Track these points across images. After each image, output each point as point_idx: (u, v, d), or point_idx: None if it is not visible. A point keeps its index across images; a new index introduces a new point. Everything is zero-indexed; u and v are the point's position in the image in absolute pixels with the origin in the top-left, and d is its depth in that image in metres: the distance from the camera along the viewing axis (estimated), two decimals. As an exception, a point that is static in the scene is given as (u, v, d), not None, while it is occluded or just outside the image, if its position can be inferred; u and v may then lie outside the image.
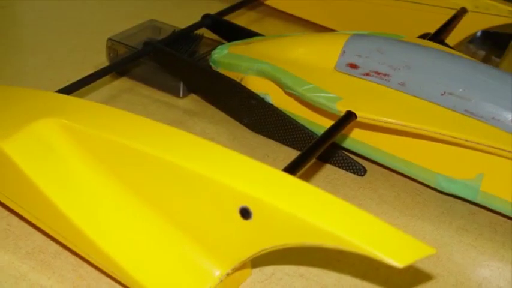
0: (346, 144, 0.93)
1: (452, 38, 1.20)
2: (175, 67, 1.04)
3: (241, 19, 1.37)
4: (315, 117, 0.93)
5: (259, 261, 0.74)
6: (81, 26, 1.34)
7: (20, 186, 0.68)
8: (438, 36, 1.10)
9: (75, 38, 1.28)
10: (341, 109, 0.82)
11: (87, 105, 0.74)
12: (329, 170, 0.93)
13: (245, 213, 0.59)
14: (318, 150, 0.76)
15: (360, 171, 0.92)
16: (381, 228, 0.55)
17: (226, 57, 1.01)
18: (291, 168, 0.71)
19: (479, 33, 1.31)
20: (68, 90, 0.86)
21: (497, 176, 0.81)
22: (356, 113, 0.82)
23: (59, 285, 0.69)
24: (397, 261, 0.51)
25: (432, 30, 1.12)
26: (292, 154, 0.90)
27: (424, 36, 1.11)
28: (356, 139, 0.91)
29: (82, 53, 1.21)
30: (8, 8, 1.40)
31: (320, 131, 0.83)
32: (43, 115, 0.70)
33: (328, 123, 0.84)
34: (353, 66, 0.89)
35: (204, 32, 1.17)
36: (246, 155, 0.62)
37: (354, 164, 0.92)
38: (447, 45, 1.09)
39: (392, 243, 0.53)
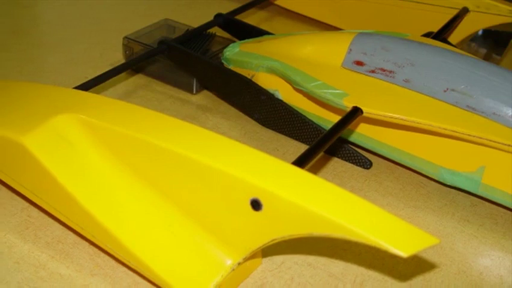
0: (353, 138, 0.92)
1: (455, 37, 1.20)
2: (189, 64, 1.04)
3: (252, 18, 1.37)
4: (323, 113, 0.93)
5: (270, 250, 0.74)
6: (99, 25, 1.34)
7: (40, 179, 0.68)
8: (441, 34, 1.10)
9: (93, 36, 1.28)
10: (348, 105, 0.82)
11: (104, 101, 0.74)
12: (336, 163, 0.93)
13: (256, 204, 0.59)
14: (326, 144, 0.76)
15: (366, 164, 0.92)
16: (386, 219, 0.55)
17: (238, 55, 1.01)
18: (300, 162, 0.71)
19: (480, 32, 1.30)
20: (85, 86, 0.86)
21: (497, 169, 0.81)
22: (362, 108, 0.81)
23: (77, 273, 0.69)
24: (402, 251, 0.51)
25: (435, 29, 1.12)
26: (301, 148, 0.90)
27: (427, 34, 1.11)
28: (362, 133, 0.91)
29: (99, 51, 1.21)
30: (30, 8, 1.40)
31: (328, 126, 0.83)
32: (62, 111, 0.70)
33: (335, 118, 0.84)
34: (359, 63, 0.88)
35: (216, 30, 1.17)
36: (257, 148, 0.62)
37: (360, 158, 0.92)
38: (450, 44, 1.08)
39: (397, 234, 0.53)
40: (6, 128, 0.70)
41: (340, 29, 1.31)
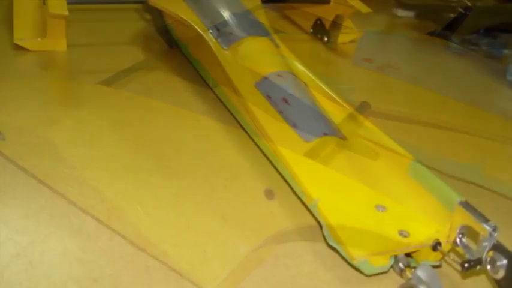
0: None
1: (457, 35, 1.20)
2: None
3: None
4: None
5: (282, 239, 0.73)
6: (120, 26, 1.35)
7: None
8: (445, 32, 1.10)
9: (115, 36, 1.29)
10: (357, 99, 0.83)
11: None
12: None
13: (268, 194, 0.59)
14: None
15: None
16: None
17: None
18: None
19: (482, 31, 1.30)
20: (108, 81, 0.86)
21: (499, 161, 0.81)
22: (370, 103, 0.82)
23: (98, 258, 0.69)
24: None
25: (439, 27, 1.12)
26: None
27: (432, 33, 1.11)
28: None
29: (121, 49, 1.22)
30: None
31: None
32: None
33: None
34: (368, 60, 0.89)
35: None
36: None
37: None
38: (453, 42, 1.08)
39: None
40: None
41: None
